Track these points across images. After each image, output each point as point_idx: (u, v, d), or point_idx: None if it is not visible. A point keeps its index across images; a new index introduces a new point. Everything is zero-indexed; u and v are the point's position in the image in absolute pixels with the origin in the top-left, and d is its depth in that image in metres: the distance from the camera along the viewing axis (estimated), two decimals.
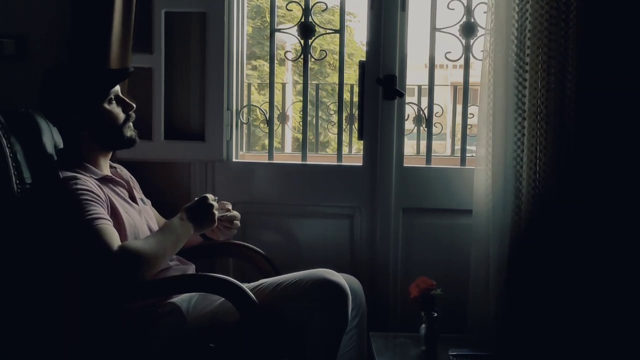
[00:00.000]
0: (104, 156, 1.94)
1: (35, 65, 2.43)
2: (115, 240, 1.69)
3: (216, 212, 1.90)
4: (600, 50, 2.19)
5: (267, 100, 2.69)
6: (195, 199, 1.93)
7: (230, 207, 2.04)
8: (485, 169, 2.25)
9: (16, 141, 1.82)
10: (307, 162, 2.60)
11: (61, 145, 1.96)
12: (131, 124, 1.94)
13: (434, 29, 2.52)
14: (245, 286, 1.76)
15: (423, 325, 2.05)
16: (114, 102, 1.90)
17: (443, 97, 7.66)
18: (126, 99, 1.93)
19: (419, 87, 3.92)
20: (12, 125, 1.84)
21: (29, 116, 1.93)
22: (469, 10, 2.47)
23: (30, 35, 2.44)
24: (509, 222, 2.21)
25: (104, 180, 1.87)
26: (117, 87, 1.93)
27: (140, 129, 1.99)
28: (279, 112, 3.24)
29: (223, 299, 1.77)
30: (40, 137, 1.91)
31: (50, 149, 1.93)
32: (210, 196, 1.91)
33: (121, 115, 1.91)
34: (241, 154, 2.65)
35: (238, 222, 2.06)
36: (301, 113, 2.68)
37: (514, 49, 2.17)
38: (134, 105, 1.94)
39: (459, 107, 2.78)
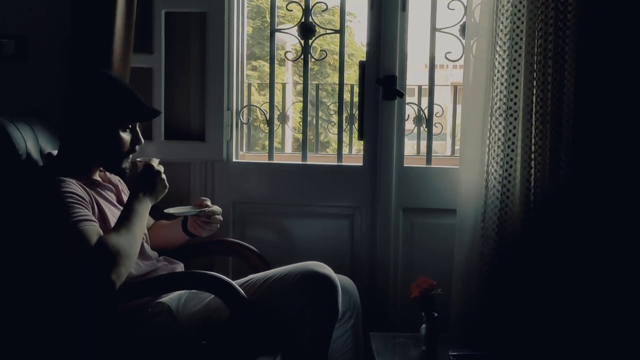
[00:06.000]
0: (95, 166, 1.92)
1: (35, 66, 2.44)
2: None
3: (164, 177, 1.86)
4: (600, 50, 2.20)
5: (267, 100, 2.69)
6: (140, 170, 1.87)
7: (209, 202, 2.01)
8: (460, 169, 2.34)
9: None
10: (307, 162, 2.60)
11: (47, 151, 1.94)
12: (131, 157, 1.92)
13: (434, 29, 2.53)
14: (234, 282, 1.75)
15: (423, 325, 2.04)
16: (128, 130, 1.88)
17: (443, 97, 7.63)
18: (139, 134, 1.91)
19: (419, 87, 3.92)
20: None
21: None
22: (469, 11, 2.47)
23: (30, 36, 2.44)
24: (473, 222, 2.28)
25: (92, 185, 1.86)
26: None
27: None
28: (279, 112, 3.24)
29: (213, 296, 1.77)
30: (10, 142, 1.86)
31: (35, 154, 1.91)
32: (154, 162, 1.87)
33: (128, 146, 1.88)
34: (241, 154, 2.65)
35: (219, 217, 2.02)
36: (301, 113, 2.68)
37: (499, 50, 2.19)
38: (142, 142, 1.92)
39: (459, 107, 2.78)
